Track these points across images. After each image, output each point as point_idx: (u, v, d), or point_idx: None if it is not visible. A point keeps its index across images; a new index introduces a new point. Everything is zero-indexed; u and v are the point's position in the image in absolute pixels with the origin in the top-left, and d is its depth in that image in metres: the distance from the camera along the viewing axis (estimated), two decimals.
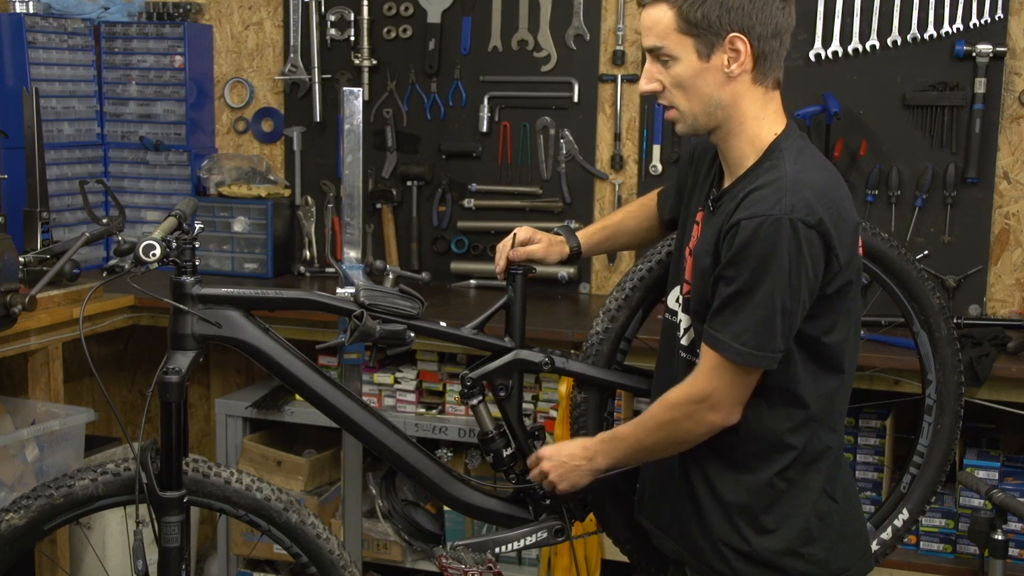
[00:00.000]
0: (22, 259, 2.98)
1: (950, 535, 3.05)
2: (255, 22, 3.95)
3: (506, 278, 2.31)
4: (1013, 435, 3.29)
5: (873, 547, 2.37)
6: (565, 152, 3.65)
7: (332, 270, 3.83)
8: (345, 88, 3.06)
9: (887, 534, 2.45)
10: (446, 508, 3.39)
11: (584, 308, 3.53)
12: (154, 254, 2.03)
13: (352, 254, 3.09)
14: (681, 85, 1.90)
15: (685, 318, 2.04)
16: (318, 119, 3.87)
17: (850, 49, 3.33)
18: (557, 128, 3.65)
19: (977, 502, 2.96)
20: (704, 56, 1.87)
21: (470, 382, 2.29)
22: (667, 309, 2.14)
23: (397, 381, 3.42)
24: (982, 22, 3.22)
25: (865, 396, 3.00)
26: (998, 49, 3.19)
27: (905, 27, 3.29)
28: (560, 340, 3.05)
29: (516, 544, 2.30)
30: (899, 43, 3.29)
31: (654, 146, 3.56)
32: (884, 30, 3.30)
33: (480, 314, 2.31)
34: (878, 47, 3.31)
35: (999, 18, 3.20)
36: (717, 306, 1.86)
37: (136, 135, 3.95)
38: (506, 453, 2.32)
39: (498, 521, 2.35)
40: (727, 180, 1.98)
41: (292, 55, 3.86)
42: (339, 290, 2.31)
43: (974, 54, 3.20)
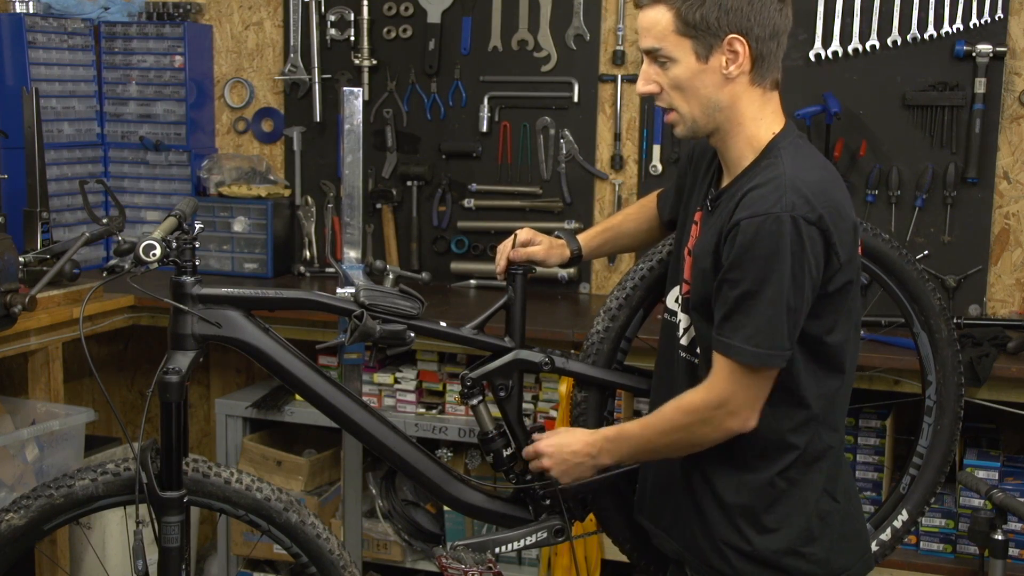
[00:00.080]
0: (22, 259, 2.99)
1: (950, 535, 3.05)
2: (255, 22, 3.95)
3: (506, 278, 2.31)
4: (1013, 435, 3.29)
5: (872, 548, 2.37)
6: (565, 152, 3.65)
7: (332, 270, 3.83)
8: (345, 88, 3.06)
9: (886, 535, 2.45)
10: (446, 508, 3.39)
11: (584, 308, 3.53)
12: (154, 254, 2.03)
13: (352, 254, 3.09)
14: (679, 87, 1.90)
15: (684, 318, 2.04)
16: (318, 119, 3.87)
17: (850, 49, 3.33)
18: (557, 128, 3.65)
19: (977, 502, 2.96)
20: (702, 58, 1.87)
21: (470, 382, 2.29)
22: (666, 309, 2.14)
23: (397, 381, 3.42)
24: (982, 22, 3.22)
25: (865, 396, 2.99)
26: (998, 49, 3.19)
27: (905, 27, 3.29)
28: (560, 340, 3.04)
29: (516, 544, 2.29)
30: (899, 43, 3.29)
31: (654, 146, 3.56)
32: (884, 30, 3.30)
33: (480, 314, 2.31)
34: (878, 47, 3.31)
35: (999, 18, 3.20)
36: (725, 311, 1.85)
37: (136, 135, 3.95)
38: (506, 453, 2.32)
39: (498, 521, 2.35)
40: (725, 180, 1.98)
41: (292, 55, 3.86)
42: (339, 290, 2.31)
43: (974, 54, 3.20)
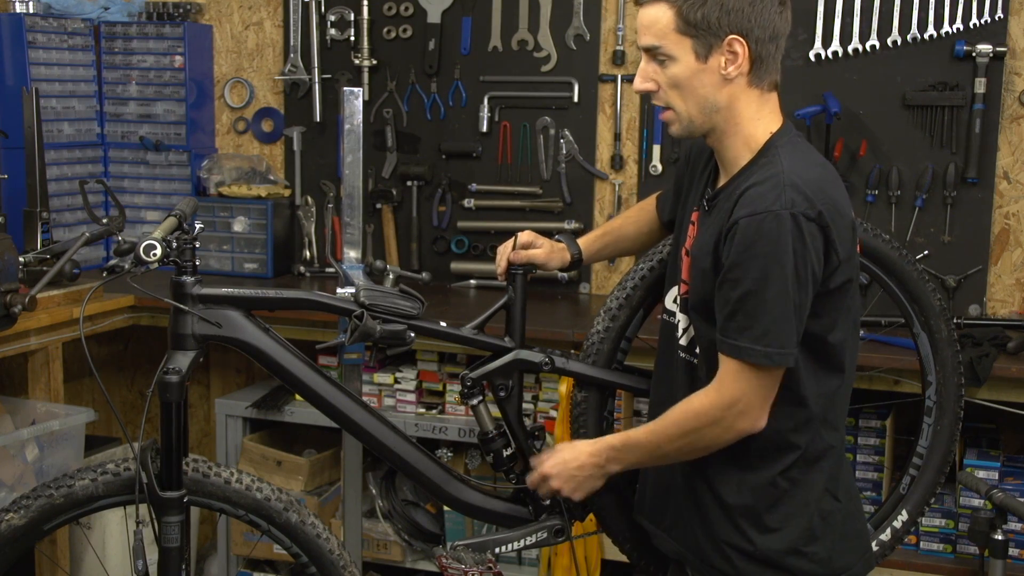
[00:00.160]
0: (22, 259, 2.99)
1: (950, 535, 3.05)
2: (255, 22, 3.95)
3: (506, 278, 2.31)
4: (1013, 435, 3.29)
5: (872, 548, 2.37)
6: (565, 152, 3.65)
7: (332, 270, 3.83)
8: (345, 88, 3.06)
9: (886, 535, 2.44)
10: (446, 508, 3.39)
11: (584, 308, 3.53)
12: (155, 254, 2.03)
13: (352, 254, 3.09)
14: (677, 85, 1.90)
15: (683, 318, 2.04)
16: (318, 119, 3.86)
17: (850, 49, 3.33)
18: (557, 128, 3.65)
19: (977, 502, 2.96)
20: (702, 57, 1.86)
21: (470, 382, 2.29)
22: (664, 310, 2.14)
23: (397, 381, 3.42)
24: (982, 22, 3.22)
25: (865, 396, 3.00)
26: (998, 49, 3.19)
27: (905, 27, 3.29)
28: (560, 340, 3.04)
29: (516, 544, 2.29)
30: (899, 43, 3.29)
31: (654, 146, 3.56)
32: (884, 30, 3.30)
33: (480, 314, 2.31)
34: (878, 47, 3.31)
35: (999, 18, 3.20)
36: (728, 312, 1.84)
37: (136, 135, 3.95)
38: (506, 453, 2.32)
39: (498, 521, 2.35)
40: (722, 179, 1.98)
41: (292, 55, 3.86)
42: (339, 290, 2.31)
43: (974, 54, 3.20)
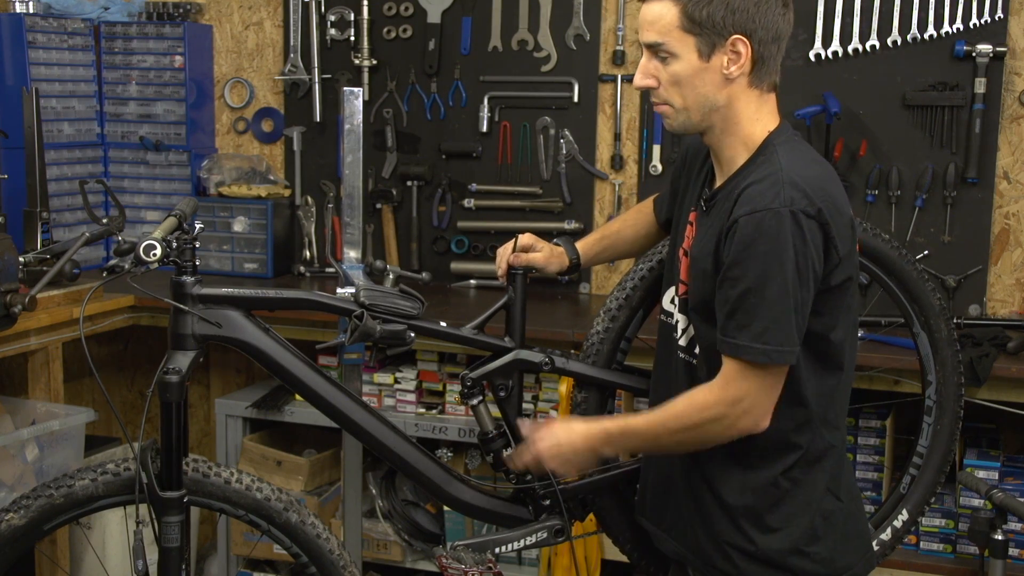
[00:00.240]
0: (22, 259, 2.99)
1: (950, 535, 3.05)
2: (255, 22, 3.95)
3: (506, 278, 2.32)
4: (1013, 435, 3.29)
5: (872, 548, 2.37)
6: (565, 152, 3.65)
7: (332, 270, 3.83)
8: (345, 88, 3.06)
9: (886, 535, 2.45)
10: (446, 508, 3.39)
11: (584, 308, 3.53)
12: (155, 254, 2.03)
13: (352, 254, 3.09)
14: (678, 83, 1.89)
15: (682, 318, 2.04)
16: (318, 119, 3.86)
17: (850, 49, 3.33)
18: (557, 128, 3.65)
19: (977, 502, 2.96)
20: (705, 56, 1.86)
21: (470, 382, 2.29)
22: (662, 310, 2.14)
23: (397, 381, 3.41)
24: (982, 22, 3.22)
25: (865, 396, 2.99)
26: (998, 49, 3.19)
27: (905, 27, 3.28)
28: (560, 340, 3.04)
29: (516, 544, 2.29)
30: (899, 43, 3.29)
31: (654, 146, 3.56)
32: (884, 30, 3.30)
33: (480, 314, 2.32)
34: (878, 47, 3.31)
35: (999, 18, 3.20)
36: (728, 310, 1.83)
37: (136, 135, 3.95)
38: (506, 453, 2.31)
39: (498, 521, 2.35)
40: (719, 179, 1.98)
41: (292, 55, 3.86)
42: (339, 290, 2.31)
43: (974, 54, 3.20)
